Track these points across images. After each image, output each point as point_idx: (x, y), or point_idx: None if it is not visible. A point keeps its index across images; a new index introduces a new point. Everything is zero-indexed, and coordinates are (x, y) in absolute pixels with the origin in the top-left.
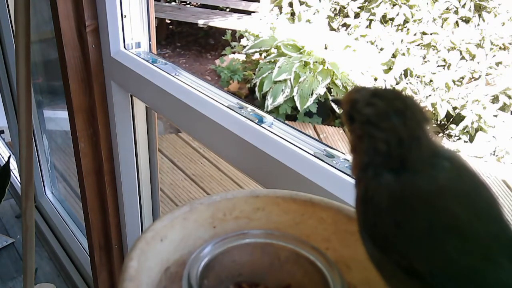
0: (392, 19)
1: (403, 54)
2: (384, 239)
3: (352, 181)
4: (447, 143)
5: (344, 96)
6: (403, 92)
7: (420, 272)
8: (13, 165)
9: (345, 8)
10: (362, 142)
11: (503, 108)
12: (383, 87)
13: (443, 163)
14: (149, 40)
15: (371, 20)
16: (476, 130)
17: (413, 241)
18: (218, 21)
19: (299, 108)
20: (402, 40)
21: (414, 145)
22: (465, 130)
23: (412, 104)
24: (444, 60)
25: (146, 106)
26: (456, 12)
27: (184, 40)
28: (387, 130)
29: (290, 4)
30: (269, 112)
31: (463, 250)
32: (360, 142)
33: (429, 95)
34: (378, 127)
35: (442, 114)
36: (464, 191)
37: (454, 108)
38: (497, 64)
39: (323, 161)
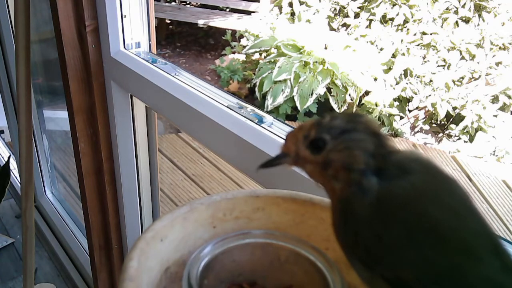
0: (392, 19)
1: (403, 54)
2: (366, 254)
3: None
4: (447, 143)
5: (289, 135)
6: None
7: (406, 280)
8: (13, 165)
9: (345, 8)
10: (343, 155)
11: (503, 108)
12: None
13: (413, 165)
14: (149, 40)
15: (371, 20)
16: (476, 130)
17: (394, 250)
18: (218, 21)
19: (299, 108)
20: (402, 40)
21: (386, 145)
22: (465, 130)
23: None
24: (444, 60)
25: (146, 106)
26: (456, 12)
27: (184, 40)
28: (365, 129)
29: (290, 4)
30: (269, 112)
31: (443, 250)
32: (338, 158)
33: (429, 95)
34: (356, 130)
35: (442, 114)
36: (438, 191)
37: (454, 108)
38: (497, 64)
39: None
